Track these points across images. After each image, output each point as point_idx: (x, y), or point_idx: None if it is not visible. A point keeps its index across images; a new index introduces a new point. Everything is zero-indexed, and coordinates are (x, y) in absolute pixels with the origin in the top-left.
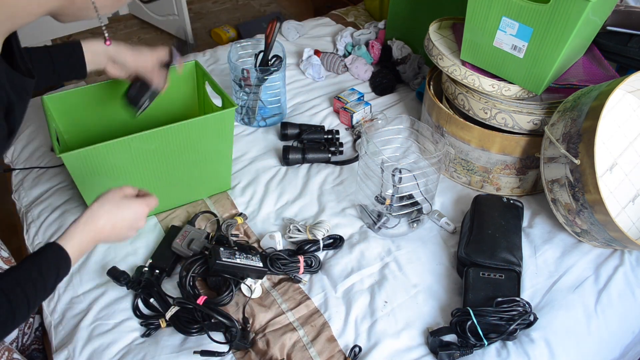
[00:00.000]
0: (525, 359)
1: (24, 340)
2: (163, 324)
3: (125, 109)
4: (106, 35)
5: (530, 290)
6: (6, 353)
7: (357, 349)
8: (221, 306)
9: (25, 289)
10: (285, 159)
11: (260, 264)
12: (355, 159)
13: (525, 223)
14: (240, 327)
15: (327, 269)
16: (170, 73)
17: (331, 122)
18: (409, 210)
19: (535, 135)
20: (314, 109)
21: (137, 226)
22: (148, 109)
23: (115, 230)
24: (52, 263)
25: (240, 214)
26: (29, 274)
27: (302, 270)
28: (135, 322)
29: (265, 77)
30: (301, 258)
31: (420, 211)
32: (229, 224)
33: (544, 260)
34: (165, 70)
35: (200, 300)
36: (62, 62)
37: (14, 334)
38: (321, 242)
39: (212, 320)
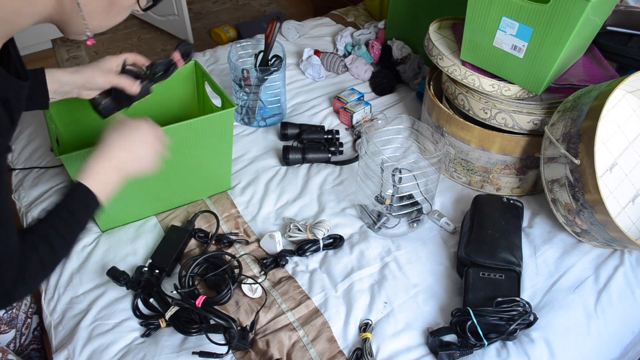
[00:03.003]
0: (525, 359)
1: (22, 340)
2: (163, 324)
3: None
4: (88, 34)
5: (530, 290)
6: (0, 354)
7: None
8: (220, 305)
9: (60, 230)
10: (285, 159)
11: None
12: (355, 159)
13: (525, 223)
14: (239, 327)
15: (328, 268)
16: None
17: (331, 122)
18: (409, 210)
19: (535, 135)
20: (314, 109)
21: (156, 148)
22: (148, 109)
23: (136, 155)
24: (81, 202)
25: None
26: (61, 216)
27: None
28: (135, 322)
29: (265, 77)
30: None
31: (420, 211)
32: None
33: (544, 260)
34: (131, 74)
35: (199, 301)
36: None
37: (10, 334)
38: (321, 242)
39: (211, 322)
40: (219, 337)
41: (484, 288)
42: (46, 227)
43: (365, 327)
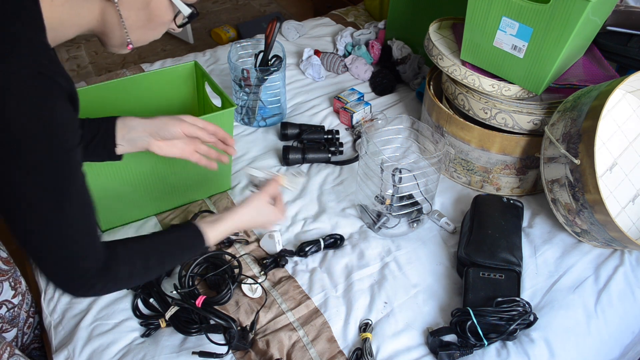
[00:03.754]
0: (525, 359)
1: (24, 339)
2: (163, 324)
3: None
4: (128, 39)
5: (530, 290)
6: (8, 349)
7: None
8: (220, 305)
9: (163, 258)
10: (285, 159)
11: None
12: (355, 159)
13: (525, 223)
14: (239, 327)
15: (328, 268)
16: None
17: (331, 122)
18: (409, 210)
19: (535, 135)
20: (314, 109)
21: (271, 224)
22: (148, 110)
23: (253, 223)
24: (192, 243)
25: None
26: (169, 249)
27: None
28: (134, 322)
29: (265, 77)
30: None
31: (420, 211)
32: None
33: (544, 260)
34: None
35: (199, 301)
36: (91, 137)
37: (12, 333)
38: (322, 242)
39: (211, 322)
40: (218, 337)
41: (484, 288)
42: (151, 248)
43: (365, 327)
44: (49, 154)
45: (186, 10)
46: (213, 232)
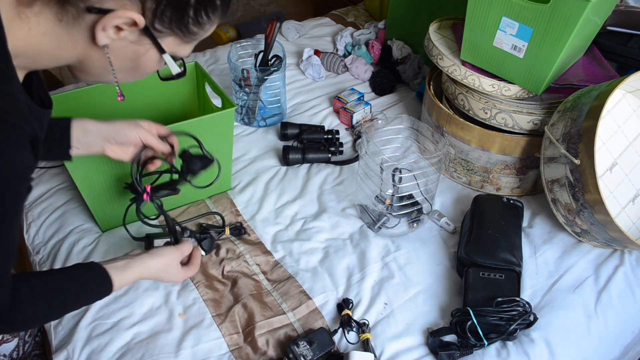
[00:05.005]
0: (525, 359)
1: (25, 348)
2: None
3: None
4: (118, 89)
5: (530, 290)
6: None
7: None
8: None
9: (66, 302)
10: (285, 159)
11: None
12: (355, 159)
13: (525, 223)
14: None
15: (329, 268)
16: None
17: (331, 122)
18: (409, 210)
19: (535, 135)
20: (314, 109)
21: (168, 280)
22: (148, 110)
23: (154, 276)
24: (97, 288)
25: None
26: (74, 292)
27: None
28: (133, 320)
29: (265, 77)
30: None
31: (420, 211)
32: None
33: (544, 260)
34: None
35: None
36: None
37: (13, 343)
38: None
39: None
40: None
41: (484, 288)
42: (56, 289)
43: (364, 327)
44: None
45: (176, 70)
46: (119, 280)
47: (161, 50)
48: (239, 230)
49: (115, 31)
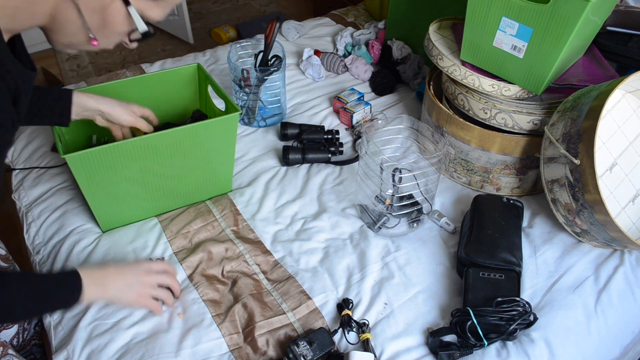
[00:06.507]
0: (525, 359)
1: (25, 335)
2: None
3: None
4: (91, 35)
5: (530, 290)
6: (1, 348)
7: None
8: None
9: (27, 303)
10: (285, 159)
11: None
12: (355, 159)
13: (525, 223)
14: None
15: (329, 268)
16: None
17: (331, 122)
18: (409, 210)
19: (535, 135)
20: (314, 109)
21: (137, 305)
22: (151, 110)
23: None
24: (66, 293)
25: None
26: (37, 292)
27: None
28: (133, 320)
29: (265, 77)
30: None
31: (420, 211)
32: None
33: (544, 260)
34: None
35: None
36: (45, 105)
37: (13, 330)
38: None
39: None
40: None
41: (484, 288)
42: (16, 290)
43: (364, 327)
44: None
45: (142, 27)
46: (91, 288)
47: (126, 2)
48: None
49: None
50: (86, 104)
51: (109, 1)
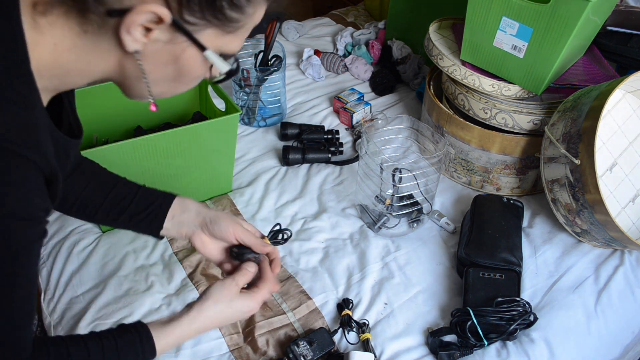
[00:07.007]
0: (525, 359)
1: None
2: None
3: None
4: (151, 98)
5: (530, 290)
6: None
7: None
8: None
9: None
10: (285, 159)
11: None
12: (355, 159)
13: (525, 223)
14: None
15: (329, 268)
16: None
17: (331, 122)
18: (409, 210)
19: (535, 135)
20: (314, 109)
21: (246, 317)
22: (150, 110)
23: (222, 322)
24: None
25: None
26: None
27: None
28: (133, 320)
29: (265, 77)
30: None
31: (420, 211)
32: None
33: (544, 260)
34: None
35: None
36: (138, 207)
37: None
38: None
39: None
40: None
41: (484, 288)
42: (89, 355)
43: (364, 327)
44: None
45: (224, 68)
46: (162, 341)
47: (200, 47)
48: (282, 235)
49: (143, 33)
50: (187, 204)
51: (179, 50)
